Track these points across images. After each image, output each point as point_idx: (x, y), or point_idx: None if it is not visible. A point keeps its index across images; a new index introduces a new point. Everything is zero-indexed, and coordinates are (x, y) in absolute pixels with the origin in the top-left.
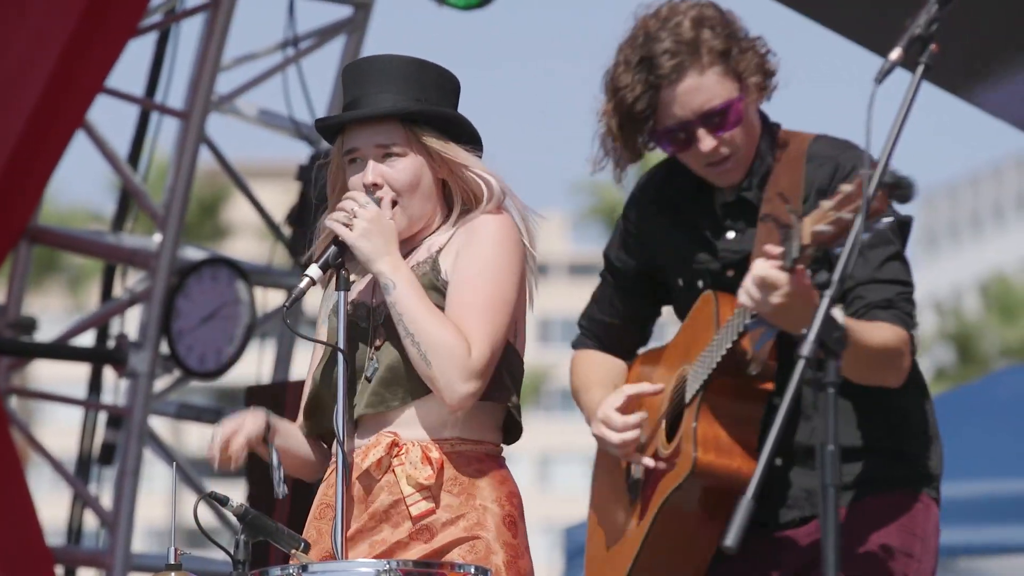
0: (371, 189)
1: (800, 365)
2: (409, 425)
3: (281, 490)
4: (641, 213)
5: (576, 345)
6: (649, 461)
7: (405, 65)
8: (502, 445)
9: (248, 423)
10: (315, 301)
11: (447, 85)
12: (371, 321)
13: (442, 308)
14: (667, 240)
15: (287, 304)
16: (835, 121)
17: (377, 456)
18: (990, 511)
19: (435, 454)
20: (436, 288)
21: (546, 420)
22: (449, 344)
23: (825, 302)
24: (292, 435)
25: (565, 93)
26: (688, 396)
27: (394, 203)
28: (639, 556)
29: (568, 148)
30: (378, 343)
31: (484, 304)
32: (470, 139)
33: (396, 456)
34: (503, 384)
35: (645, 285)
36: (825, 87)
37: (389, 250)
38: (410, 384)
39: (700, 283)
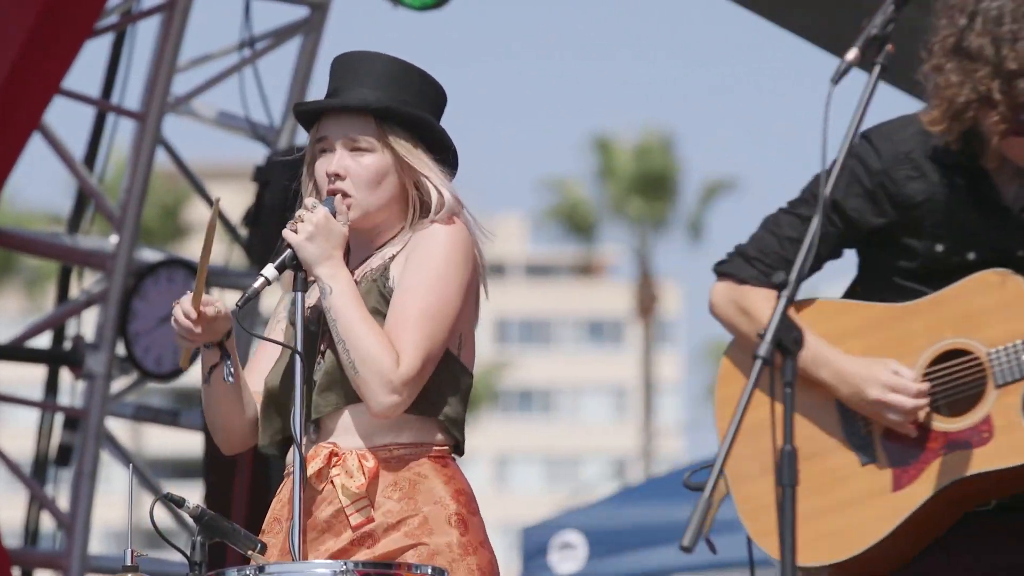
0: (332, 179)
1: (757, 366)
2: (347, 433)
3: (230, 378)
4: (910, 174)
5: (737, 275)
6: (950, 426)
7: (389, 64)
8: (447, 447)
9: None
10: (272, 302)
11: (429, 92)
12: (320, 326)
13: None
14: (949, 208)
15: (240, 303)
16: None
17: (316, 467)
18: None
19: (370, 462)
20: (383, 295)
21: (503, 420)
22: (376, 354)
23: (782, 302)
24: (244, 384)
25: (524, 91)
26: (1002, 379)
27: (345, 194)
28: (904, 524)
29: (532, 145)
30: (323, 347)
31: (421, 314)
32: (443, 148)
33: (334, 466)
34: (431, 399)
35: (863, 240)
36: (782, 88)
37: (331, 255)
38: (346, 390)
39: (983, 257)
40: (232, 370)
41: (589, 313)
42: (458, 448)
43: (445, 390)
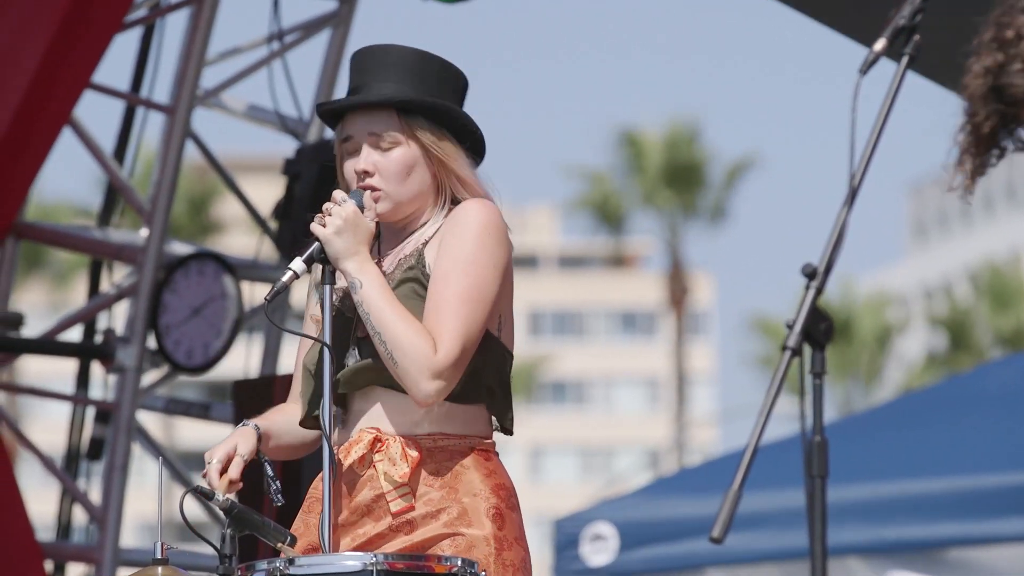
0: (361, 176)
1: (786, 356)
2: (391, 419)
3: (278, 499)
4: None
5: None
6: None
7: (408, 56)
8: (493, 438)
9: (240, 444)
10: (302, 295)
11: (450, 79)
12: (356, 312)
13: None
14: None
15: (268, 297)
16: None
17: (359, 453)
18: (980, 503)
19: (413, 451)
20: (420, 282)
21: (537, 412)
22: (413, 343)
23: (811, 292)
24: (281, 427)
25: (551, 83)
26: None
27: (375, 189)
28: None
29: (560, 136)
30: (361, 333)
31: (457, 299)
32: (468, 133)
33: (377, 452)
34: (480, 385)
35: None
36: (811, 78)
37: (358, 249)
38: (385, 376)
39: None
40: (278, 487)
41: (621, 305)
42: (507, 428)
43: (488, 371)
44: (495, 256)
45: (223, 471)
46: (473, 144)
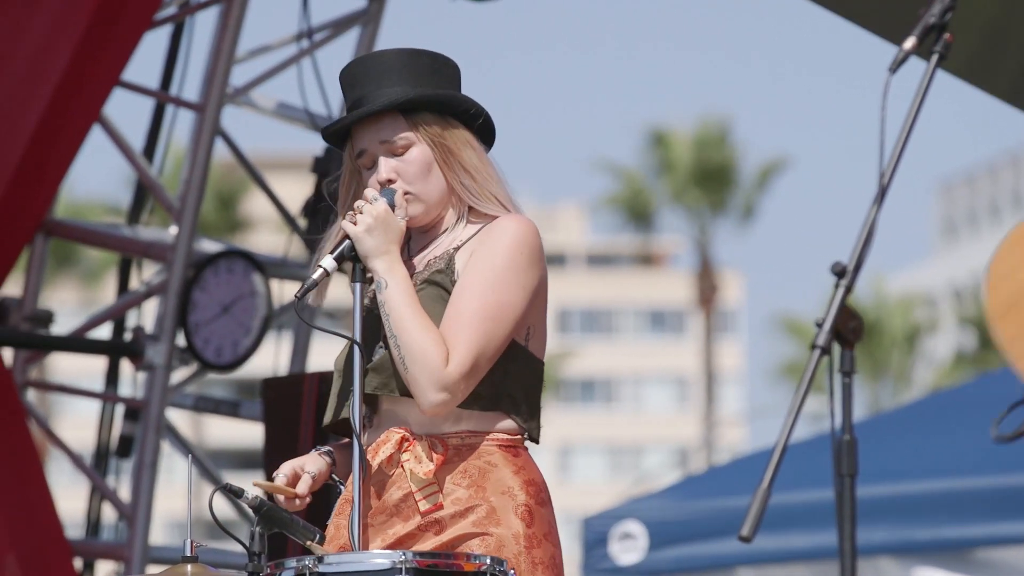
0: (386, 185)
1: (815, 355)
2: (419, 419)
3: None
4: None
5: None
6: None
7: (397, 57)
8: (519, 436)
9: (308, 463)
10: (332, 293)
11: (443, 69)
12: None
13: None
14: None
15: (299, 294)
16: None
17: (387, 452)
18: (1009, 502)
19: (439, 449)
20: (446, 287)
21: (566, 410)
22: (425, 352)
23: (841, 291)
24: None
25: (580, 74)
26: None
27: (407, 194)
28: None
29: (588, 133)
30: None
31: (476, 314)
32: (473, 117)
33: (405, 451)
34: (497, 391)
35: None
36: (841, 78)
37: (388, 249)
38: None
39: None
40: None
41: (650, 303)
42: (532, 436)
43: (512, 381)
44: (524, 276)
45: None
46: (481, 128)
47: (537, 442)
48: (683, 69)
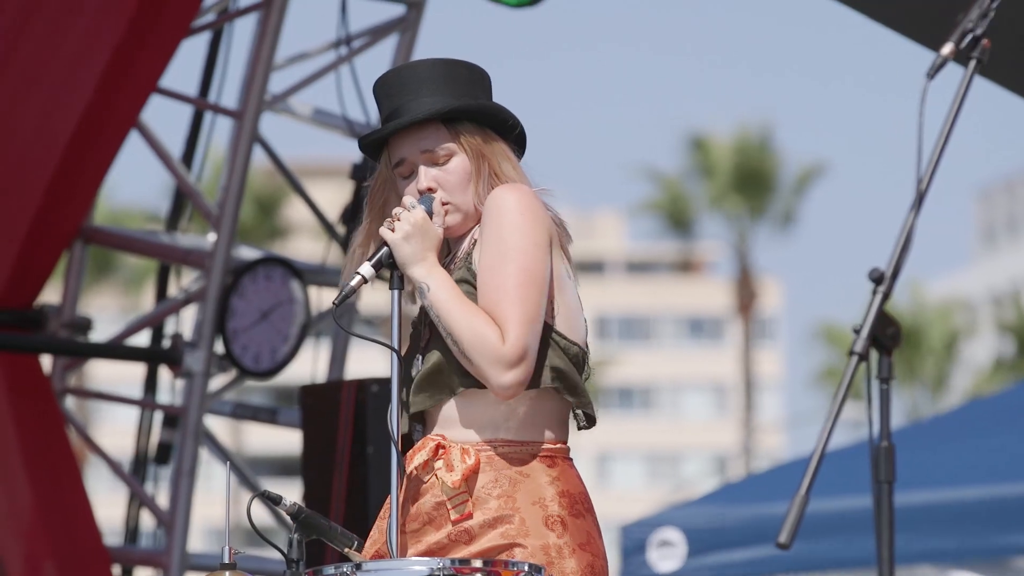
0: (425, 193)
1: (852, 361)
2: (457, 426)
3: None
4: None
5: None
6: None
7: (433, 67)
8: (563, 443)
9: None
10: (370, 300)
11: (478, 79)
12: (422, 320)
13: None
14: None
15: (336, 301)
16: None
17: (422, 459)
18: None
19: (471, 457)
20: (470, 282)
21: (604, 417)
22: (481, 337)
23: (879, 297)
24: None
25: (619, 79)
26: None
27: (446, 204)
28: None
29: (627, 139)
30: (423, 345)
31: (510, 285)
32: (511, 128)
33: (439, 459)
34: (542, 367)
35: None
36: (879, 84)
37: (425, 256)
38: (452, 383)
39: None
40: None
41: (689, 310)
42: (588, 416)
43: (547, 361)
44: (534, 234)
45: None
46: (516, 139)
47: (594, 424)
48: (722, 74)
